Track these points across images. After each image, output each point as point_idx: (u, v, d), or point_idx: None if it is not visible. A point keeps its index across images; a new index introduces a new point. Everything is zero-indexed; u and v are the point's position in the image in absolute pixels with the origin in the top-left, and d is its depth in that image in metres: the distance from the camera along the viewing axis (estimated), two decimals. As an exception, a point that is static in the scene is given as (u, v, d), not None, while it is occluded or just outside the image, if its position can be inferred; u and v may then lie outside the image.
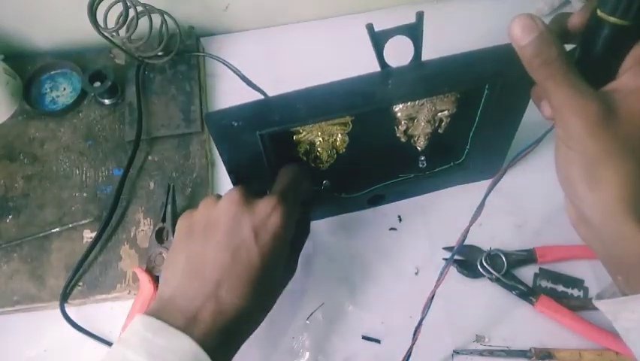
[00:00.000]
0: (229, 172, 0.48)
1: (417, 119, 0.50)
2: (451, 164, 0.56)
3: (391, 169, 0.56)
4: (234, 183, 0.49)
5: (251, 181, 0.49)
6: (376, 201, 0.58)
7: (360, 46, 0.43)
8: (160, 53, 0.64)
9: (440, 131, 0.52)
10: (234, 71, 0.63)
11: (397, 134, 0.52)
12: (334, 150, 0.52)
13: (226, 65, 0.64)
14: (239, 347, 0.42)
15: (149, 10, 0.60)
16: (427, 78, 0.43)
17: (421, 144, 0.53)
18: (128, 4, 0.58)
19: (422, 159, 0.55)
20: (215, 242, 0.42)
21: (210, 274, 0.40)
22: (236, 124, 0.42)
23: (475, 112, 0.49)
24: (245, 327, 0.42)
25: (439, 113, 0.50)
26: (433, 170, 0.56)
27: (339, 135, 0.50)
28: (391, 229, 0.59)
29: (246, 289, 0.41)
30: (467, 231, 0.43)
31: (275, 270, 0.43)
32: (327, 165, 0.54)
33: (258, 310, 0.43)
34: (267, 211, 0.42)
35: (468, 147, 0.54)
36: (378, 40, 0.41)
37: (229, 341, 0.40)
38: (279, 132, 0.46)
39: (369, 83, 0.42)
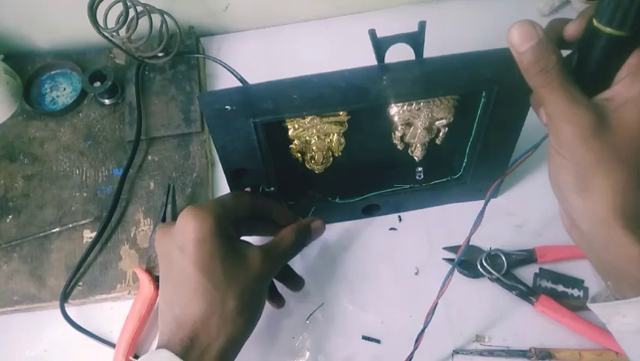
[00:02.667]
0: (223, 165, 0.48)
1: (414, 126, 0.49)
2: (449, 178, 0.56)
3: (388, 178, 0.56)
4: (228, 177, 0.49)
5: (244, 175, 0.49)
6: (371, 211, 0.58)
7: (361, 46, 0.43)
8: (160, 54, 0.64)
9: (438, 142, 0.52)
10: (232, 72, 0.63)
11: (394, 140, 0.51)
12: (330, 152, 0.52)
13: (224, 67, 0.64)
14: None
15: (149, 10, 0.60)
16: (421, 77, 0.43)
17: (418, 153, 0.53)
18: (128, 4, 0.58)
19: (419, 170, 0.55)
20: (162, 276, 0.44)
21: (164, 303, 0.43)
22: (229, 108, 0.42)
23: (473, 123, 0.49)
24: (213, 332, 0.41)
25: (437, 122, 0.50)
26: (430, 182, 0.56)
27: (335, 136, 0.50)
28: (391, 228, 0.59)
29: (190, 296, 0.41)
30: (468, 240, 0.44)
31: (212, 269, 0.42)
32: (323, 167, 0.54)
33: (218, 314, 0.41)
34: (181, 225, 0.42)
35: (465, 160, 0.53)
36: (380, 46, 0.41)
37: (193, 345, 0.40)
38: (274, 123, 0.45)
39: (363, 77, 0.42)
